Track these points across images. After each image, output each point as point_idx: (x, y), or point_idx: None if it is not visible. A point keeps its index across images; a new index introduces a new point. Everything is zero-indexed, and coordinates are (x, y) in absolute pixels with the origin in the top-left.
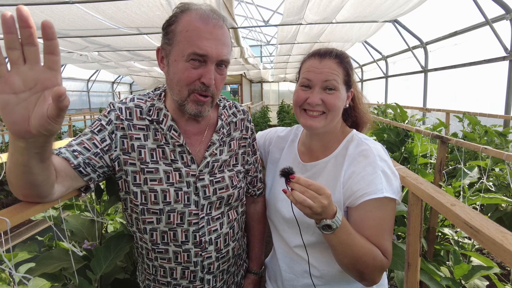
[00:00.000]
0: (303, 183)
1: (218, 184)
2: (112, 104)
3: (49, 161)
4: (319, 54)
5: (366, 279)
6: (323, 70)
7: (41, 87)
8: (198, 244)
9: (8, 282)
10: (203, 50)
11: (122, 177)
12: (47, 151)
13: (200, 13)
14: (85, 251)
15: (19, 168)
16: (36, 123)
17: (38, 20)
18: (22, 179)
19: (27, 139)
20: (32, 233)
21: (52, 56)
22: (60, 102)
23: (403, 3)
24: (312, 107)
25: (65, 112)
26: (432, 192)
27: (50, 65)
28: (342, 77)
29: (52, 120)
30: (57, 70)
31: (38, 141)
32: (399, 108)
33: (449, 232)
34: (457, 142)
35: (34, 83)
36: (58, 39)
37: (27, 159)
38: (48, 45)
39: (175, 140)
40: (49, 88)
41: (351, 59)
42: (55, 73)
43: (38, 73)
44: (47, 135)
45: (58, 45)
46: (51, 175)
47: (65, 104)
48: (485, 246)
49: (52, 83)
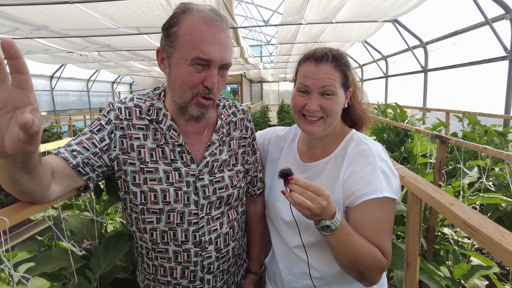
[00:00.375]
0: (302, 185)
1: (218, 184)
2: (112, 103)
3: (36, 171)
4: (315, 58)
5: (365, 279)
6: (319, 76)
7: (12, 107)
8: (198, 244)
9: (8, 281)
10: (207, 55)
11: (121, 177)
12: (31, 164)
13: (202, 16)
14: (84, 250)
15: (6, 180)
16: (9, 145)
17: (38, 20)
18: (11, 188)
19: (5, 158)
20: (32, 233)
21: (19, 75)
22: (26, 130)
23: (403, 3)
24: (311, 113)
25: (38, 136)
26: (431, 192)
27: (19, 85)
28: (340, 80)
29: (26, 144)
30: (27, 88)
31: (18, 159)
32: (399, 108)
33: (449, 232)
34: (457, 142)
35: (3, 104)
36: (58, 39)
37: (11, 173)
38: (12, 64)
39: (174, 140)
40: (21, 107)
41: (349, 59)
42: (25, 92)
43: (6, 92)
44: (25, 154)
45: (25, 63)
46: (42, 182)
47: (33, 130)
48: (483, 246)
49: (23, 102)
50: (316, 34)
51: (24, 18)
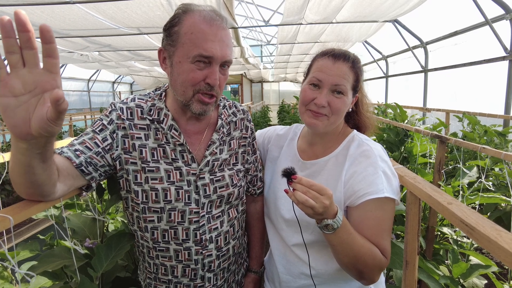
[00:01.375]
0: (305, 184)
1: (218, 183)
2: (114, 104)
3: (51, 161)
4: (334, 55)
5: (365, 278)
6: (335, 73)
7: (41, 89)
8: (198, 242)
9: (10, 280)
10: (209, 52)
11: (123, 176)
12: (49, 151)
13: (203, 15)
14: (86, 249)
15: (22, 168)
16: (36, 125)
17: (39, 20)
18: (24, 179)
19: (28, 140)
20: (33, 233)
21: (50, 59)
22: (58, 105)
23: (403, 3)
24: (318, 108)
25: (64, 115)
26: (429, 191)
27: (49, 68)
28: (352, 82)
29: (52, 122)
30: (56, 72)
31: (40, 142)
32: (398, 108)
33: (448, 232)
34: (456, 142)
35: (33, 86)
36: (59, 39)
37: (29, 159)
38: (46, 48)
39: (175, 139)
40: (48, 90)
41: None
42: (54, 76)
43: (37, 76)
44: (48, 136)
45: (57, 48)
46: (52, 175)
47: (63, 107)
48: (480, 244)
49: (51, 85)
50: (316, 34)
51: None
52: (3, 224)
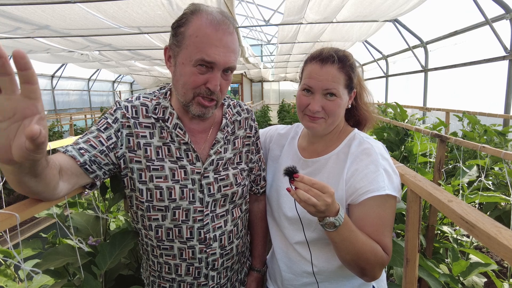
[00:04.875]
0: (307, 182)
1: (223, 182)
2: (118, 102)
3: (44, 174)
4: (321, 59)
5: (367, 274)
6: (323, 78)
7: (20, 116)
8: (202, 241)
9: (14, 278)
10: (211, 58)
11: (127, 175)
12: (38, 169)
13: (210, 18)
14: (90, 247)
15: (14, 183)
16: (17, 154)
17: (39, 19)
18: (20, 190)
19: (12, 165)
20: (35, 231)
21: (28, 85)
22: (34, 141)
23: (403, 3)
24: (313, 113)
25: (45, 145)
26: (430, 189)
27: (28, 95)
28: (344, 82)
29: (32, 152)
30: (36, 98)
31: (25, 165)
32: (399, 107)
33: (448, 230)
34: (456, 141)
35: (12, 113)
36: (59, 38)
37: (19, 177)
38: (23, 75)
39: (180, 138)
40: (28, 116)
41: (354, 60)
42: (34, 102)
43: (15, 102)
44: (32, 161)
45: (35, 74)
46: (50, 183)
47: (40, 141)
48: (480, 240)
49: (31, 111)
50: (316, 33)
51: (26, 17)
52: (9, 221)
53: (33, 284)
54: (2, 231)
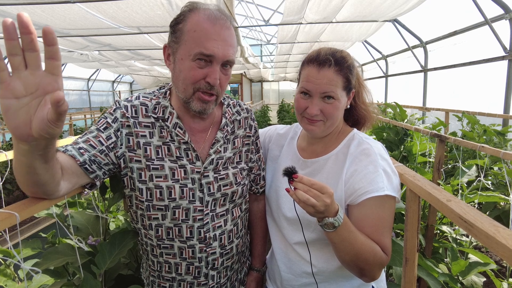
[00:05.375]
0: (307, 182)
1: (222, 181)
2: (118, 102)
3: (53, 161)
4: (318, 62)
5: (366, 275)
6: (321, 81)
7: (42, 91)
8: (202, 240)
9: (13, 277)
10: (209, 51)
11: (127, 174)
12: (50, 152)
13: (208, 14)
14: (89, 246)
15: (24, 169)
16: (37, 127)
17: (39, 19)
18: (27, 179)
19: (29, 142)
20: (35, 231)
21: (53, 61)
22: (58, 107)
23: (402, 3)
24: (311, 116)
25: (64, 116)
26: (429, 189)
27: (51, 70)
28: (342, 85)
29: (52, 124)
30: (58, 74)
31: (41, 143)
32: (398, 107)
33: (447, 230)
34: (455, 141)
35: (35, 88)
36: (59, 38)
37: (31, 160)
38: (48, 50)
39: (180, 137)
40: (50, 92)
41: (353, 60)
42: (56, 78)
43: (39, 78)
44: (48, 138)
45: (59, 50)
46: (55, 174)
47: (63, 109)
48: (479, 240)
49: (52, 87)
50: (316, 33)
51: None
52: (9, 220)
53: (32, 284)
54: (1, 230)
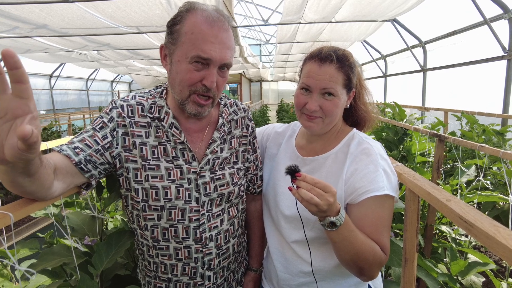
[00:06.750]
0: (310, 181)
1: (219, 181)
2: (114, 101)
3: (38, 173)
4: (320, 58)
5: (365, 274)
6: (322, 77)
7: (12, 115)
8: (198, 241)
9: (10, 278)
10: (207, 54)
11: (123, 174)
12: (31, 169)
13: (205, 15)
14: (86, 247)
15: (8, 183)
16: (9, 153)
17: (38, 19)
18: (14, 190)
19: (5, 165)
20: (32, 231)
21: (19, 84)
22: (26, 141)
23: (401, 3)
24: (310, 112)
25: (37, 145)
26: (428, 188)
27: (19, 94)
28: (342, 82)
29: (24, 152)
30: (27, 97)
31: (17, 165)
32: (397, 107)
33: (447, 230)
34: (454, 140)
35: (3, 113)
36: (58, 38)
37: (12, 177)
38: (13, 74)
39: (176, 138)
40: (20, 116)
41: (355, 60)
42: (25, 101)
43: (6, 102)
44: (25, 161)
45: (25, 72)
46: (44, 182)
47: (32, 141)
48: (479, 240)
49: (23, 111)
50: (315, 33)
51: (24, 16)
52: (3, 221)
53: (30, 284)
54: None
